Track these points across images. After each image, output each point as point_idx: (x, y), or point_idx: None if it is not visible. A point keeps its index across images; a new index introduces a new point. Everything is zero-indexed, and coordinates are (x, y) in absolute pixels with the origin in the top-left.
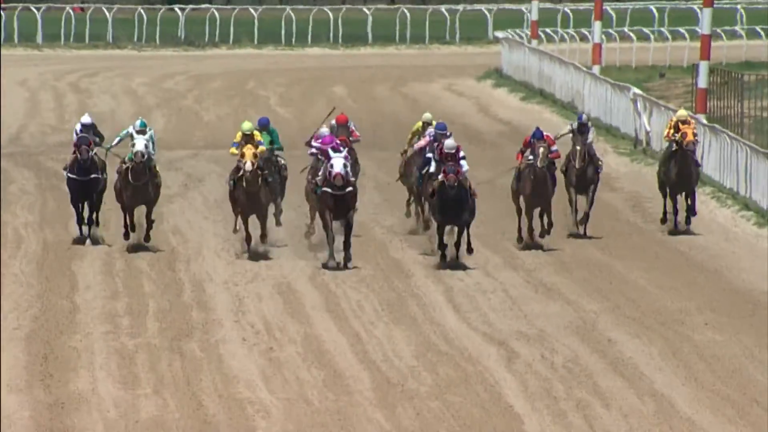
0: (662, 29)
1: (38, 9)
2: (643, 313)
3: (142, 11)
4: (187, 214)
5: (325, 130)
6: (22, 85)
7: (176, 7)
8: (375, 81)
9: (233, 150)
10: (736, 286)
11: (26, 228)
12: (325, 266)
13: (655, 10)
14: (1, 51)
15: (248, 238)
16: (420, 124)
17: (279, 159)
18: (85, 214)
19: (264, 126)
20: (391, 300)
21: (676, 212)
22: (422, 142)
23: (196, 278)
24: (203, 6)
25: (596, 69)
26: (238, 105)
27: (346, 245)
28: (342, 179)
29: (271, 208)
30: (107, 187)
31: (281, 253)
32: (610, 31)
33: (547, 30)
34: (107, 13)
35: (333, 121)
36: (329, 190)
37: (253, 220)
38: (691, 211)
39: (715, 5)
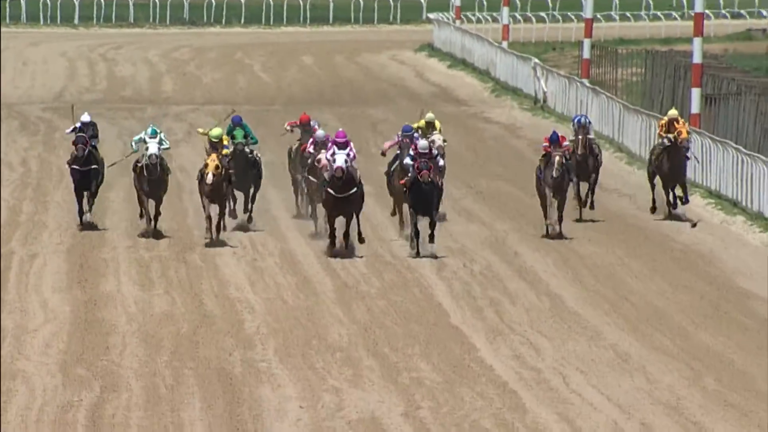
0: (555, 13)
1: None
2: (540, 232)
3: None
4: (190, 156)
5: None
6: (63, 55)
7: None
8: (335, 52)
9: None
10: (611, 210)
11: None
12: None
13: None
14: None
15: (209, 219)
16: (423, 122)
17: (256, 155)
18: (85, 205)
19: (238, 123)
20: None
21: (669, 203)
22: (390, 143)
23: (197, 205)
24: None
25: (505, 44)
26: (229, 70)
27: (347, 235)
28: (342, 172)
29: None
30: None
31: (264, 184)
32: (516, 14)
33: (468, 13)
34: (129, 0)
35: (297, 120)
36: (332, 191)
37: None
38: (683, 199)
39: None
